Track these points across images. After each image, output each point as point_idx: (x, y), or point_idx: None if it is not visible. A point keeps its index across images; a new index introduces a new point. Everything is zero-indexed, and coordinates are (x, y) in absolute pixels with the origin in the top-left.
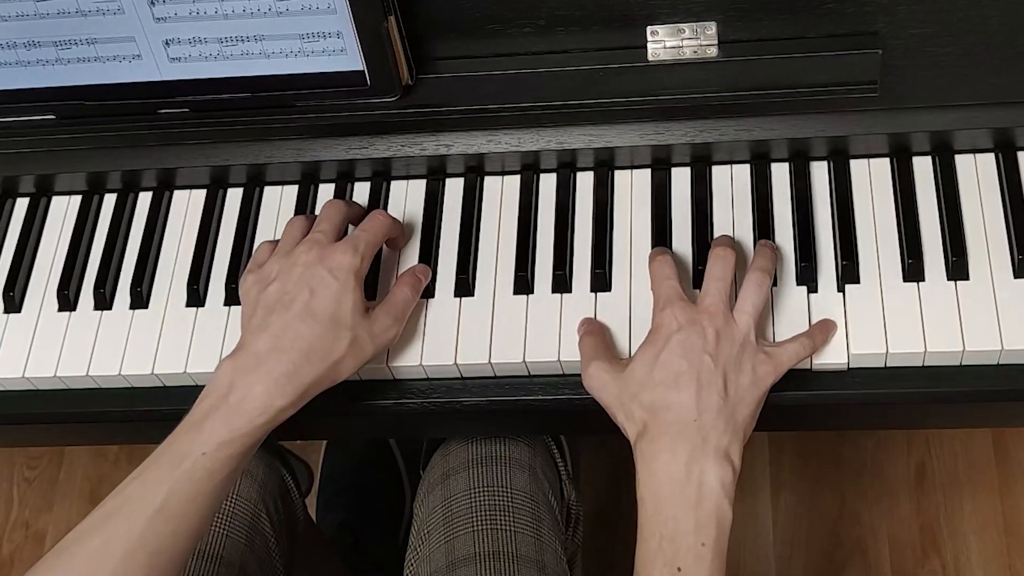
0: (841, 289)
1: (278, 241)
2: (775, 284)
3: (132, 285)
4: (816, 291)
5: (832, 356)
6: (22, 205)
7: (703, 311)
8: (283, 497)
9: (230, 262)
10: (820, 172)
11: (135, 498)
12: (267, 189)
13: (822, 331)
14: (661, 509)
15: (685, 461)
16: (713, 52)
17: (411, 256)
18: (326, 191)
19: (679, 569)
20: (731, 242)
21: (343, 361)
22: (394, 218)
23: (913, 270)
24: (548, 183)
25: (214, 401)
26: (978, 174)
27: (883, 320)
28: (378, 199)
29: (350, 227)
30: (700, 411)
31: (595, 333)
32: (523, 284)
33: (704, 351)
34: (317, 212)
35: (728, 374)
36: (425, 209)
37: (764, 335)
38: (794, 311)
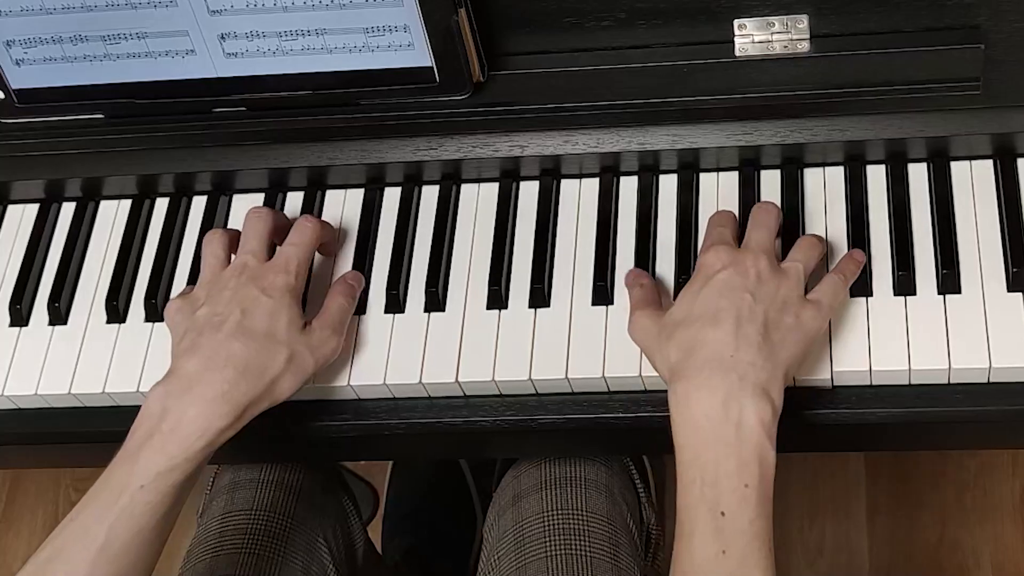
0: (941, 300)
1: None
2: (871, 294)
3: None
4: (914, 302)
5: (932, 362)
6: (68, 210)
7: (747, 252)
8: (342, 522)
9: None
10: (918, 175)
11: (74, 540)
12: (329, 193)
13: (850, 262)
14: (700, 453)
15: (722, 399)
16: (805, 47)
17: (482, 265)
18: (392, 195)
19: (723, 513)
20: (774, 203)
21: (281, 378)
22: (323, 222)
23: (1018, 279)
24: (629, 186)
25: (147, 429)
26: None
27: (986, 332)
28: (447, 203)
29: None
30: (737, 346)
31: (645, 284)
32: (602, 295)
33: (745, 289)
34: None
35: (769, 313)
36: (497, 214)
37: (859, 344)
38: (891, 322)
